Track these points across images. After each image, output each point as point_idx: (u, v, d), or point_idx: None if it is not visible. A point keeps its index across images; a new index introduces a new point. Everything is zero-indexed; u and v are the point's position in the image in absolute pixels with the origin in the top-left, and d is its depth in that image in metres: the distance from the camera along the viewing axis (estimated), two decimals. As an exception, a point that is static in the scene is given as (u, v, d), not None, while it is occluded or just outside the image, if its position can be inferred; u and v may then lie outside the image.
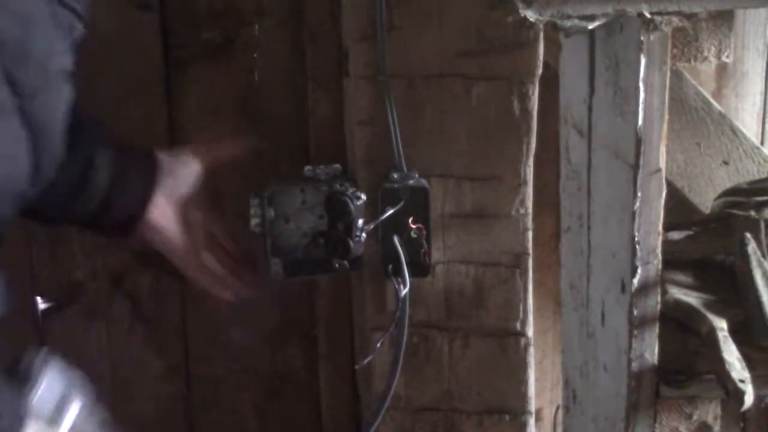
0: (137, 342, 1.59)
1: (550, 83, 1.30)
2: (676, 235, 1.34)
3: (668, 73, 1.03)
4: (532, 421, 1.43)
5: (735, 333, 1.12)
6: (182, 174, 1.26)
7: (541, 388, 1.65)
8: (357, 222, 1.28)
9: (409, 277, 1.31)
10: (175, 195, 1.25)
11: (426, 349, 1.39)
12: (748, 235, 1.21)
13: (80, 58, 0.97)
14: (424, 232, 1.32)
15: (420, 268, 1.33)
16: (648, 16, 0.97)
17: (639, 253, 1.07)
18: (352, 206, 1.27)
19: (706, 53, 1.13)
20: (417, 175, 1.31)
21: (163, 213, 1.24)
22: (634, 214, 1.05)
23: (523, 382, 1.40)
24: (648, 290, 1.09)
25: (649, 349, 1.11)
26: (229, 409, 1.63)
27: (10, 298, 0.93)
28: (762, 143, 1.67)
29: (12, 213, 0.92)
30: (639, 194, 1.05)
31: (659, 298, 1.10)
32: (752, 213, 1.26)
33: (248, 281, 1.33)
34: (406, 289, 1.31)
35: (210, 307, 1.58)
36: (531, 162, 1.33)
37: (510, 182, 1.33)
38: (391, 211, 1.30)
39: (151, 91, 1.48)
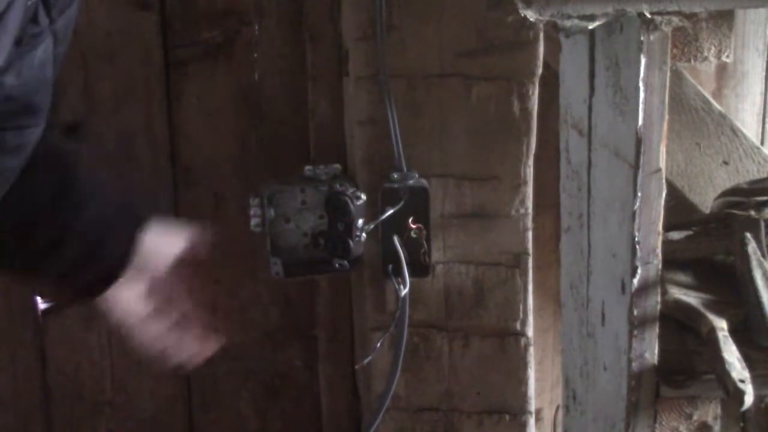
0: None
1: (550, 83, 1.30)
2: (676, 235, 1.33)
3: (668, 73, 1.03)
4: (532, 421, 1.43)
5: (735, 333, 1.12)
6: (162, 255, 1.12)
7: (541, 388, 1.64)
8: (357, 222, 1.28)
9: (409, 277, 1.31)
10: (147, 274, 1.12)
11: (426, 349, 1.39)
12: (748, 235, 1.21)
13: (80, 58, 0.97)
14: (424, 232, 1.32)
15: (420, 268, 1.33)
16: (648, 16, 0.97)
17: (639, 253, 1.06)
18: (352, 206, 1.27)
19: (706, 53, 1.13)
20: (417, 175, 1.31)
21: (128, 290, 1.12)
22: (634, 214, 1.05)
23: (523, 382, 1.40)
24: (648, 290, 1.09)
25: (649, 349, 1.10)
26: (229, 409, 1.62)
27: None
28: (762, 143, 1.67)
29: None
30: (639, 194, 1.05)
31: (659, 298, 1.10)
32: (752, 213, 1.26)
33: (197, 354, 1.16)
34: (406, 289, 1.31)
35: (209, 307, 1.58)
36: (531, 162, 1.33)
37: (510, 182, 1.33)
38: (391, 211, 1.30)
39: (151, 91, 1.48)
